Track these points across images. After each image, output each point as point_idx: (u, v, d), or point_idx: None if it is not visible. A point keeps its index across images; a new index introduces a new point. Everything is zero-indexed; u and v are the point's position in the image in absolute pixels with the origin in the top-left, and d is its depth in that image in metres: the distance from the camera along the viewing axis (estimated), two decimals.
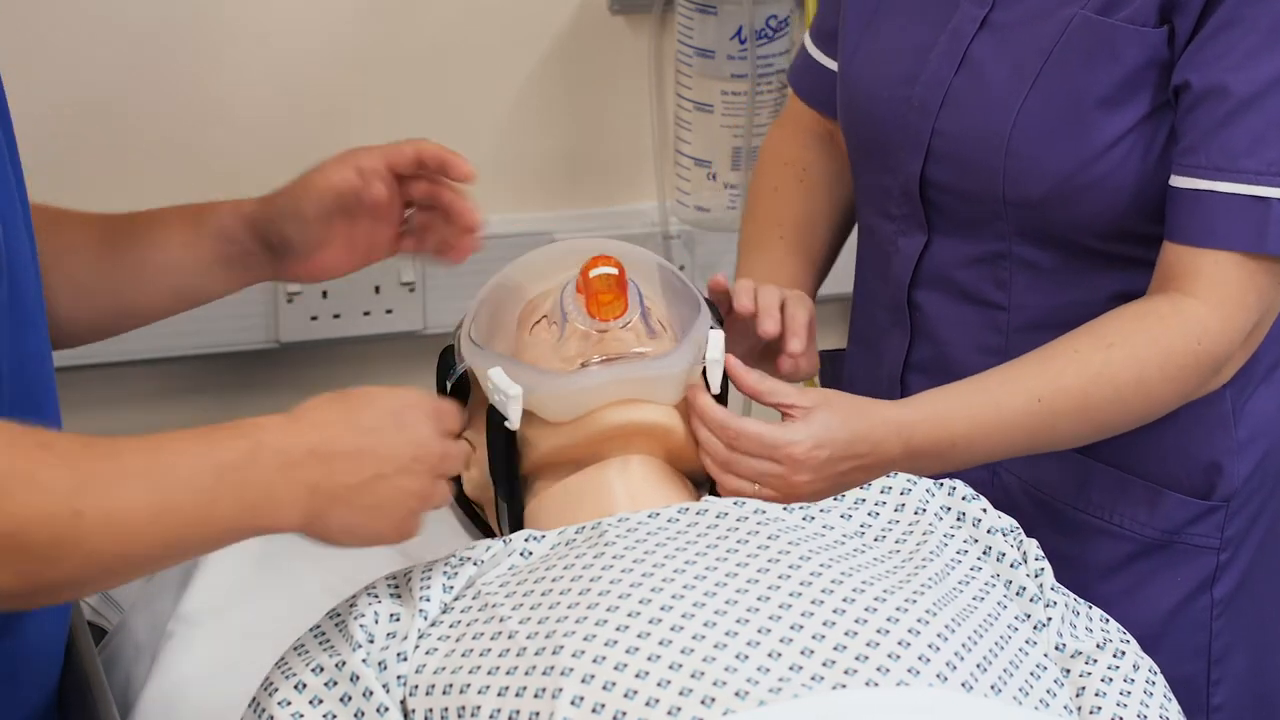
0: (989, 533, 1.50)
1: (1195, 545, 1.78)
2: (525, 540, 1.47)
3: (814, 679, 1.28)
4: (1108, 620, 1.52)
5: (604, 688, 1.28)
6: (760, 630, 1.32)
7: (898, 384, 1.85)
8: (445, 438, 1.41)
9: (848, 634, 1.32)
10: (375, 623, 1.40)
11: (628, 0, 2.35)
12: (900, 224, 1.80)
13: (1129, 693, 1.44)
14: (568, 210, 2.42)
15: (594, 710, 1.27)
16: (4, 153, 1.45)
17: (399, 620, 1.40)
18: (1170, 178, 1.65)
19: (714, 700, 1.26)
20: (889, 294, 1.84)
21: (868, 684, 1.28)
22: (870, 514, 1.52)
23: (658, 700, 1.26)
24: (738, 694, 1.27)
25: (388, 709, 1.34)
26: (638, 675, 1.28)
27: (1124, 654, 1.47)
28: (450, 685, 1.34)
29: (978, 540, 1.50)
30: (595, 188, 2.43)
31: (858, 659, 1.30)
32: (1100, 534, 1.79)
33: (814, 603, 1.34)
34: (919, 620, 1.34)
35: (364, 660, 1.37)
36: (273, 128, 2.27)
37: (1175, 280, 1.65)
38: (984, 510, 1.52)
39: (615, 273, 1.58)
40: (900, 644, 1.32)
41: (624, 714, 1.26)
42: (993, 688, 1.33)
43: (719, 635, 1.31)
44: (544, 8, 2.34)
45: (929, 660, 1.31)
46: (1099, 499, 1.79)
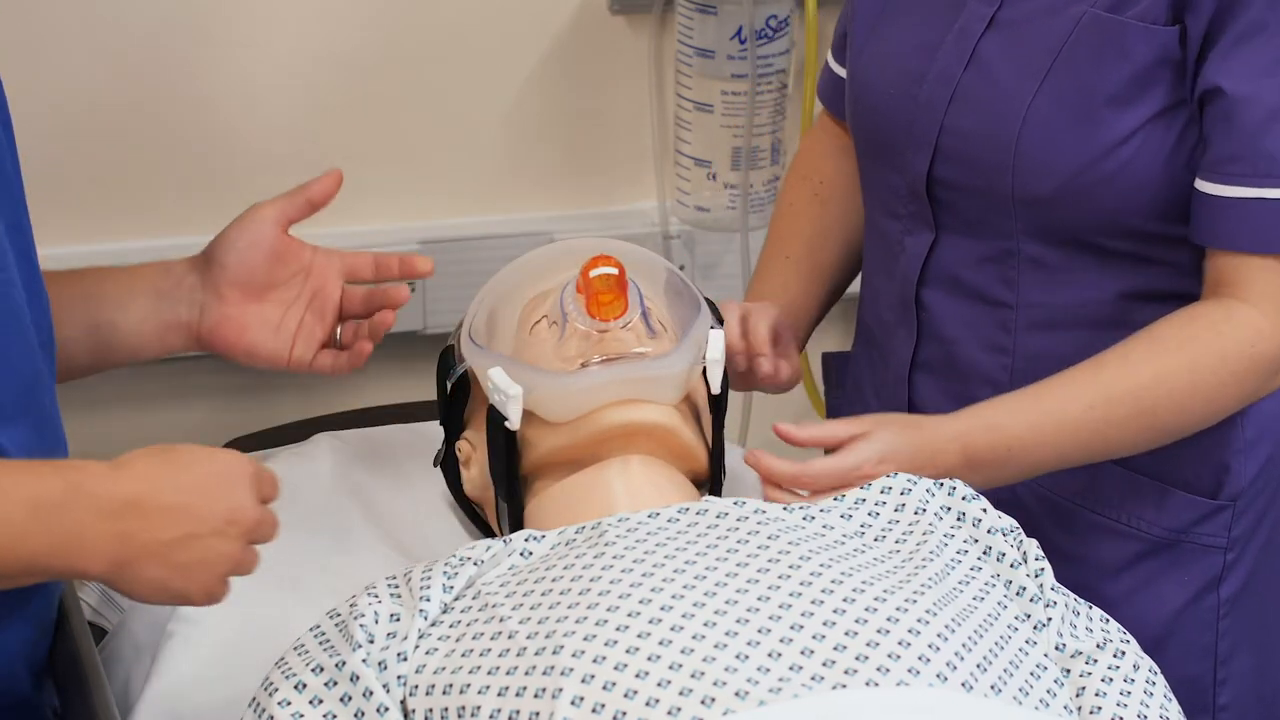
0: (989, 533, 1.50)
1: (1203, 545, 1.78)
2: (525, 540, 1.47)
3: (814, 679, 1.28)
4: (1108, 620, 1.52)
5: (604, 688, 1.28)
6: (760, 630, 1.32)
7: (904, 383, 1.85)
8: (261, 505, 1.41)
9: (848, 634, 1.32)
10: (375, 623, 1.39)
11: (628, 0, 2.35)
12: (907, 223, 1.80)
13: (1129, 693, 1.44)
14: (568, 210, 2.41)
15: (594, 710, 1.27)
16: (6, 160, 1.46)
17: (399, 620, 1.40)
18: (1206, 185, 1.65)
19: (714, 700, 1.26)
20: (896, 293, 1.84)
21: (868, 684, 1.28)
22: (870, 514, 1.52)
23: (658, 700, 1.26)
24: (738, 694, 1.27)
25: (388, 709, 1.34)
26: (638, 675, 1.28)
27: (1124, 654, 1.47)
28: (450, 685, 1.34)
29: (978, 540, 1.50)
30: (595, 188, 2.43)
31: (858, 659, 1.30)
32: (1108, 533, 1.79)
33: (814, 603, 1.34)
34: (919, 620, 1.34)
35: (364, 660, 1.36)
36: (273, 128, 2.27)
37: (1226, 287, 1.66)
38: (984, 510, 1.52)
39: (615, 273, 1.58)
40: (900, 644, 1.32)
41: (624, 714, 1.26)
42: (993, 688, 1.33)
43: (719, 635, 1.31)
44: (544, 8, 2.34)
45: (929, 660, 1.31)
46: (1107, 498, 1.79)
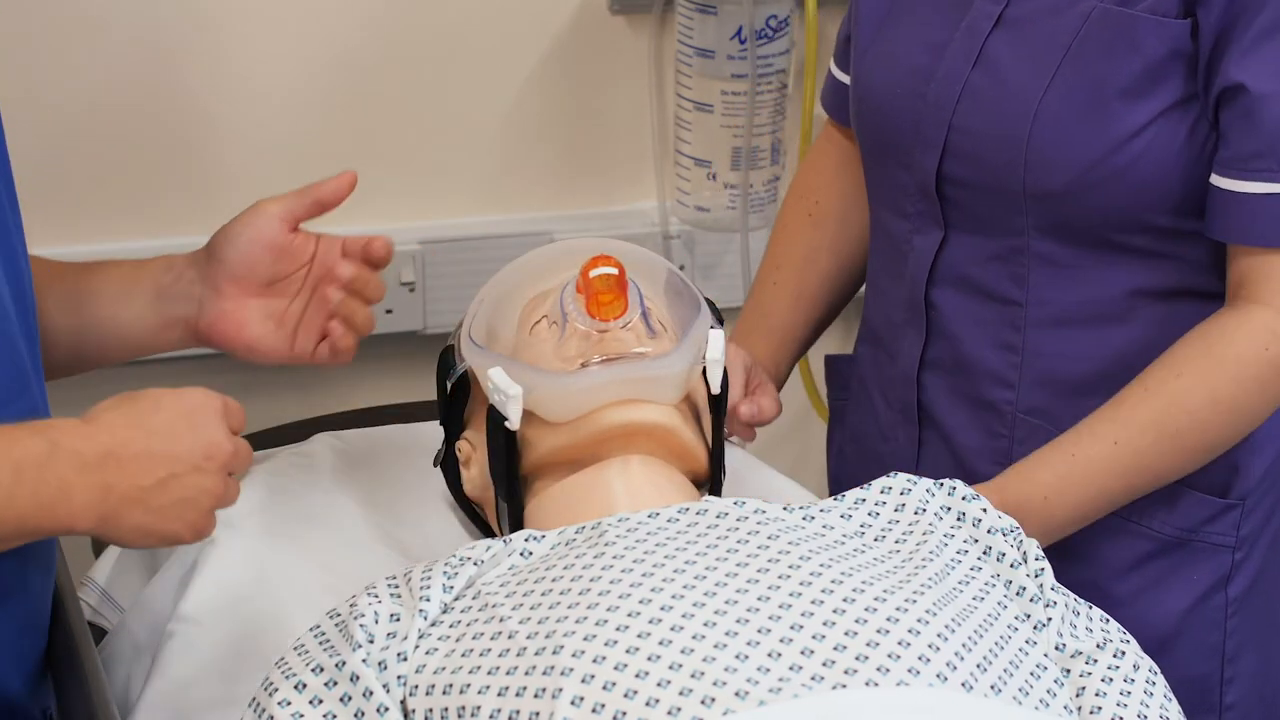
0: (989, 533, 1.50)
1: (1212, 544, 1.78)
2: (525, 540, 1.47)
3: (814, 679, 1.28)
4: (1108, 620, 1.52)
5: (604, 688, 1.28)
6: (760, 630, 1.32)
7: (913, 383, 1.85)
8: (234, 436, 1.42)
9: (848, 634, 1.32)
10: (375, 623, 1.39)
11: (628, 0, 2.35)
12: (915, 222, 1.81)
13: (1129, 693, 1.43)
14: (568, 210, 2.41)
15: (594, 710, 1.27)
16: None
17: (399, 620, 1.40)
18: (1225, 181, 1.65)
19: (714, 700, 1.26)
20: (904, 292, 1.84)
21: (868, 684, 1.28)
22: (870, 514, 1.52)
23: (658, 700, 1.26)
24: (738, 694, 1.27)
25: (388, 709, 1.34)
26: (638, 675, 1.28)
27: (1124, 654, 1.47)
28: (450, 685, 1.34)
29: (978, 540, 1.50)
30: (595, 188, 2.43)
31: (858, 659, 1.30)
32: (1118, 532, 1.79)
33: (814, 603, 1.34)
34: (919, 620, 1.34)
35: (364, 660, 1.36)
36: (273, 128, 2.27)
37: (1245, 288, 1.67)
38: (984, 510, 1.52)
39: (615, 273, 1.58)
40: (900, 644, 1.32)
41: (624, 714, 1.26)
42: (992, 688, 1.33)
43: (719, 635, 1.31)
44: (544, 8, 2.34)
45: (929, 660, 1.31)
46: None
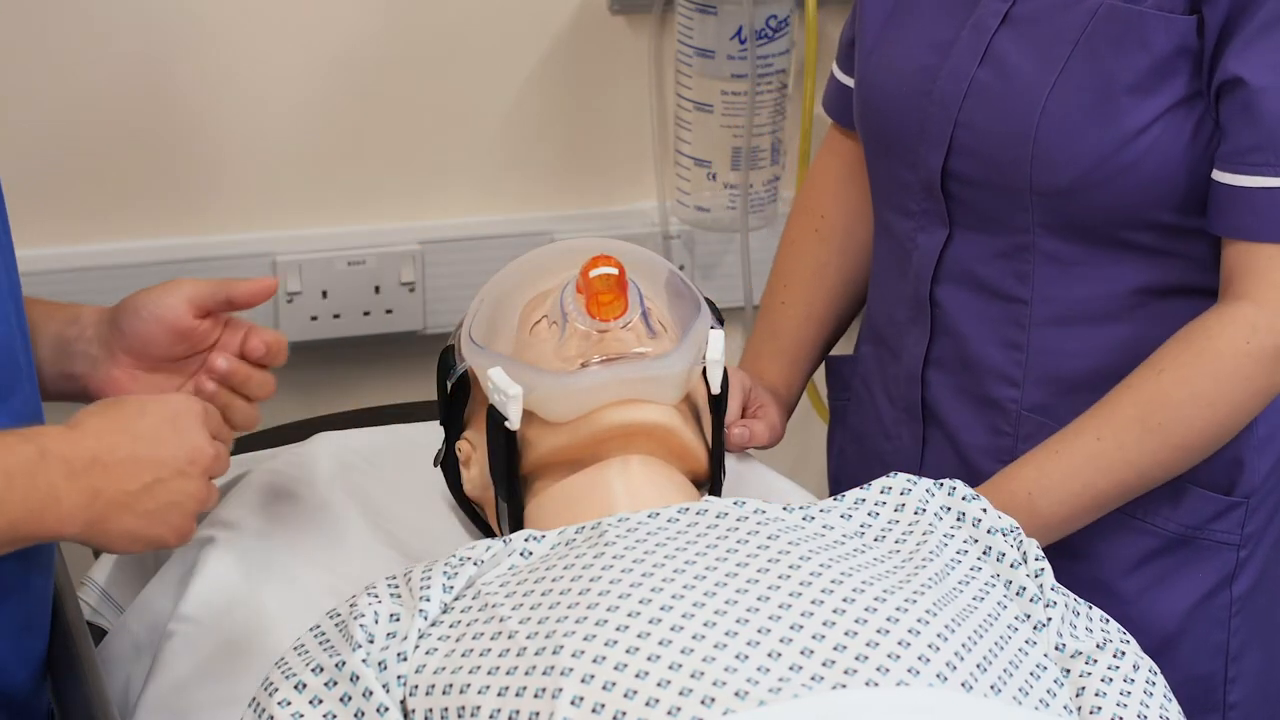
0: (989, 533, 1.50)
1: (1217, 541, 1.79)
2: (525, 540, 1.47)
3: (814, 679, 1.28)
4: (1108, 620, 1.52)
5: (604, 688, 1.28)
6: (760, 630, 1.32)
7: (917, 381, 1.85)
8: (214, 440, 1.43)
9: (848, 634, 1.32)
10: (375, 623, 1.39)
11: (628, 0, 2.35)
12: (920, 220, 1.81)
13: (1129, 693, 1.44)
14: (568, 210, 2.41)
15: (594, 710, 1.27)
16: None
17: (399, 620, 1.40)
18: (1225, 176, 1.66)
19: (714, 700, 1.26)
20: (909, 291, 1.84)
21: (868, 684, 1.28)
22: (870, 514, 1.52)
23: (658, 700, 1.26)
24: (738, 694, 1.27)
25: (388, 709, 1.34)
26: (638, 675, 1.28)
27: (1124, 654, 1.47)
28: (450, 685, 1.34)
29: (978, 540, 1.50)
30: (595, 188, 2.43)
31: (858, 659, 1.30)
32: (1123, 529, 1.79)
33: (814, 603, 1.34)
34: (919, 620, 1.34)
35: (364, 660, 1.36)
36: (273, 128, 2.27)
37: (1233, 283, 1.68)
38: (984, 510, 1.52)
39: (615, 273, 1.58)
40: (900, 644, 1.32)
41: (624, 714, 1.26)
42: (992, 688, 1.33)
43: (719, 635, 1.31)
44: (544, 8, 2.34)
45: (929, 660, 1.31)
46: None
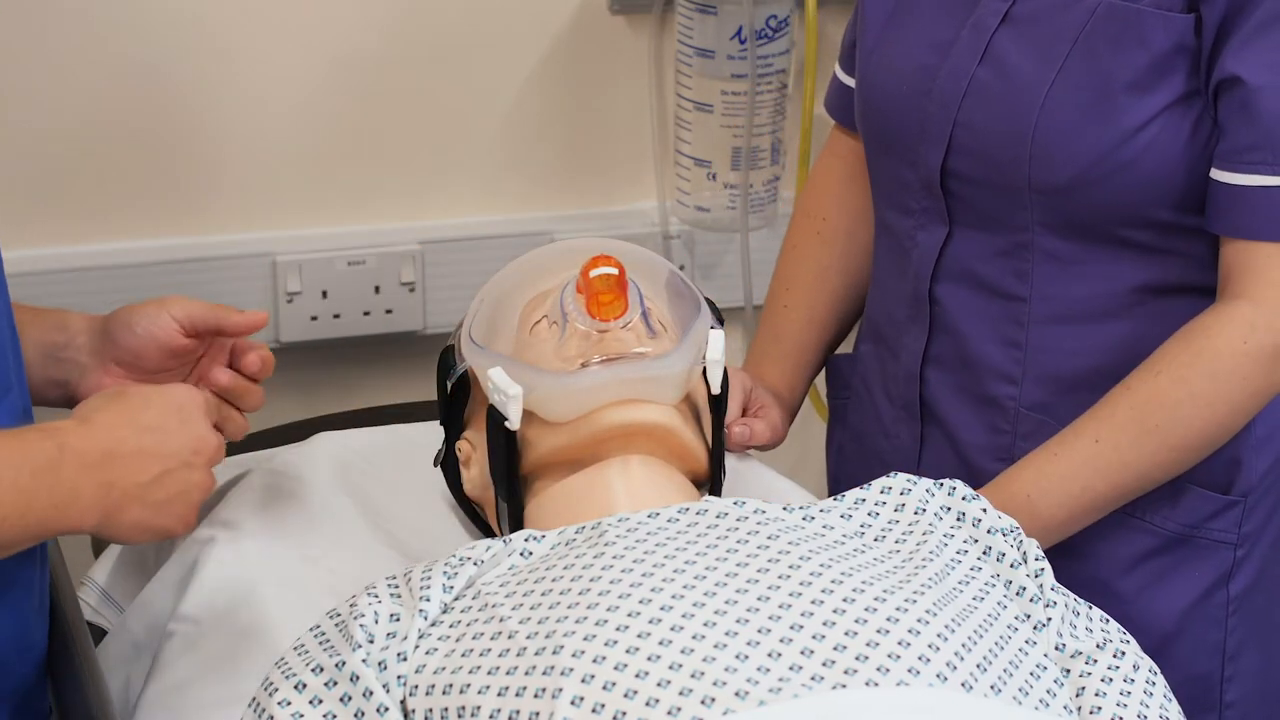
0: (989, 533, 1.50)
1: (1214, 540, 1.79)
2: (525, 540, 1.47)
3: (814, 679, 1.28)
4: (1108, 620, 1.52)
5: (604, 688, 1.28)
6: (760, 630, 1.32)
7: (916, 379, 1.85)
8: (215, 430, 1.47)
9: (848, 634, 1.32)
10: (375, 623, 1.39)
11: (628, 0, 2.35)
12: (920, 218, 1.81)
13: (1129, 693, 1.44)
14: (568, 210, 2.41)
15: (594, 710, 1.27)
16: None
17: (399, 620, 1.40)
18: (1223, 174, 1.66)
19: (714, 700, 1.26)
20: (908, 289, 1.84)
21: (868, 684, 1.28)
22: (870, 514, 1.52)
23: (658, 700, 1.26)
24: (738, 694, 1.27)
25: (388, 709, 1.34)
26: (638, 675, 1.28)
27: (1124, 654, 1.47)
28: (450, 685, 1.34)
29: (978, 540, 1.50)
30: (595, 188, 2.43)
31: (858, 659, 1.30)
32: (1121, 528, 1.79)
33: (814, 603, 1.34)
34: (919, 620, 1.34)
35: (364, 660, 1.36)
36: (273, 128, 2.27)
37: (1231, 282, 1.68)
38: (984, 510, 1.52)
39: (615, 273, 1.58)
40: (900, 644, 1.32)
41: (624, 714, 1.26)
42: (992, 688, 1.33)
43: (719, 635, 1.31)
44: (544, 8, 2.34)
45: (929, 660, 1.31)
46: None
